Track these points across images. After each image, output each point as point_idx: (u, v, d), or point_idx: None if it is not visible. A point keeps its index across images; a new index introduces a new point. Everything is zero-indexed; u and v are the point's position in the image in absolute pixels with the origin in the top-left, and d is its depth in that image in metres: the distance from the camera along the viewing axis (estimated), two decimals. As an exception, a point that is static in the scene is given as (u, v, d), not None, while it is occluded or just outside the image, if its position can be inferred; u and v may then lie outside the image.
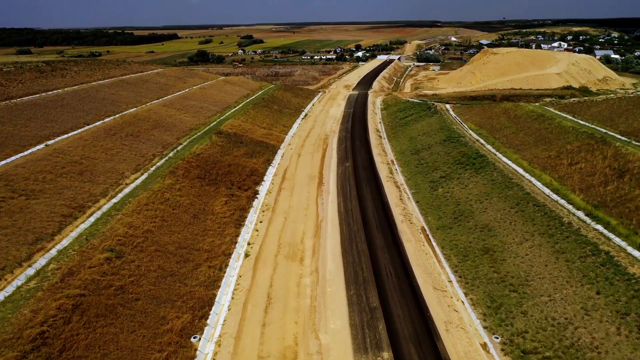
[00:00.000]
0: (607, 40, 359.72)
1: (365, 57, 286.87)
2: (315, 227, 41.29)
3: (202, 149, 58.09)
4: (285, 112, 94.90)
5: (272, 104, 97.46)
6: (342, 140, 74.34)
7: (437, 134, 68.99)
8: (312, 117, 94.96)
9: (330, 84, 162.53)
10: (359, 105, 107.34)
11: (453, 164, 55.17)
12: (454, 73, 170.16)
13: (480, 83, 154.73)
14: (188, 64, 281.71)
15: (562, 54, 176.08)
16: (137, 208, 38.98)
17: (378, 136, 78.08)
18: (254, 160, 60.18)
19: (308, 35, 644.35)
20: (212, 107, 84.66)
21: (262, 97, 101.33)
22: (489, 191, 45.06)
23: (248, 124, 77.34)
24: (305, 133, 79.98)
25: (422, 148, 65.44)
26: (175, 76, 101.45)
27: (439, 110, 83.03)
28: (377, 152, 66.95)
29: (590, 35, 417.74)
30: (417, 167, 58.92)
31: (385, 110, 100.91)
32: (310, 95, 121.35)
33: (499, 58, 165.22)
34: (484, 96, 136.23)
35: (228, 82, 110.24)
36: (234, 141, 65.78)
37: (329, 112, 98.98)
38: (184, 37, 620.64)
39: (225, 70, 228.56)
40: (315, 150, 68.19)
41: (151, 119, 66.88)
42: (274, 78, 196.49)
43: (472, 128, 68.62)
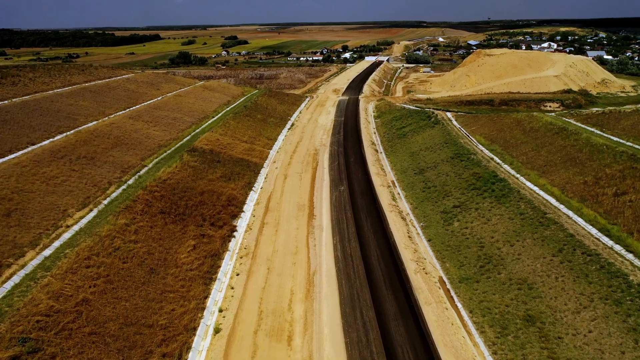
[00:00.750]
0: (596, 41, 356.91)
1: (352, 59, 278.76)
2: (306, 283, 32.43)
3: (170, 172, 48.85)
4: (270, 122, 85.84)
5: (255, 113, 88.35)
6: (334, 156, 65.56)
7: (443, 149, 60.61)
8: (300, 127, 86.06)
9: (317, 88, 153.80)
10: (350, 113, 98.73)
11: (467, 189, 46.77)
12: (447, 75, 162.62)
13: (475, 86, 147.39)
14: (169, 66, 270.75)
15: (557, 56, 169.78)
16: (73, 265, 29.73)
17: (374, 150, 69.49)
18: (232, 185, 51.07)
19: (293, 35, 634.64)
20: (187, 117, 75.28)
21: (244, 104, 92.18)
22: (519, 229, 36.65)
23: (227, 137, 68.18)
24: (292, 147, 71.04)
25: (426, 167, 56.98)
26: (147, 82, 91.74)
27: (441, 120, 74.76)
28: (375, 172, 58.32)
29: (578, 36, 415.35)
30: (423, 191, 50.40)
31: (380, 119, 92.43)
32: (297, 102, 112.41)
33: (494, 60, 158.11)
34: (481, 101, 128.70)
35: (207, 88, 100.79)
36: (209, 160, 56.63)
37: (318, 121, 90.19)
38: (167, 38, 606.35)
39: (208, 73, 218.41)
40: (304, 169, 59.33)
41: (113, 135, 57.39)
42: (259, 81, 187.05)
43: (482, 142, 60.40)
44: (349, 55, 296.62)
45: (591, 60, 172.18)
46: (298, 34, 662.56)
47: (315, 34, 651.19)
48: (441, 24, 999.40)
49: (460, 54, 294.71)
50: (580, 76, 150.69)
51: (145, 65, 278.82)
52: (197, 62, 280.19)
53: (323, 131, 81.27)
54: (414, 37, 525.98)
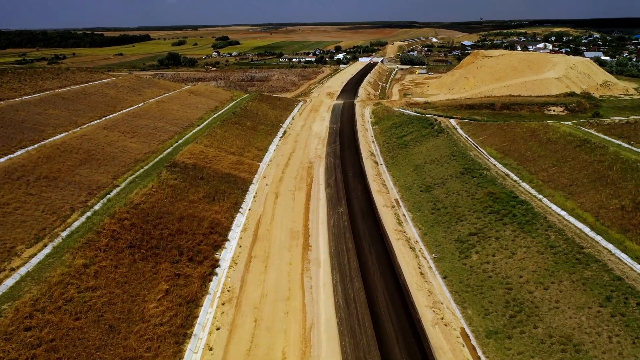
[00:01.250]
0: (590, 41, 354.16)
1: (346, 60, 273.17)
2: (301, 341, 26.56)
3: (145, 194, 42.75)
4: (261, 130, 79.80)
5: (245, 120, 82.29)
6: (330, 169, 59.70)
7: (451, 162, 54.96)
8: (293, 135, 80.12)
9: (310, 91, 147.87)
10: (346, 119, 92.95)
11: (483, 212, 41.12)
12: (445, 78, 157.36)
13: (474, 89, 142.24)
14: (158, 68, 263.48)
15: (557, 57, 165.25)
16: (8, 329, 23.64)
17: (374, 162, 63.74)
18: (216, 208, 45.03)
19: (286, 36, 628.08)
20: (170, 126, 69.10)
21: (232, 110, 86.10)
22: (553, 268, 31.02)
23: (213, 149, 62.12)
24: (284, 159, 65.11)
25: (433, 183, 51.29)
26: (128, 87, 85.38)
27: (445, 128, 69.19)
28: (377, 188, 52.53)
29: (573, 36, 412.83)
30: (432, 213, 44.67)
31: (378, 125, 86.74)
32: (290, 106, 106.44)
33: (493, 62, 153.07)
34: (481, 104, 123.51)
35: (193, 92, 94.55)
36: (192, 177, 50.57)
37: (312, 129, 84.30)
38: (157, 39, 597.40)
39: (197, 75, 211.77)
40: (298, 186, 53.41)
41: (83, 149, 51.15)
42: (250, 83, 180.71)
43: (493, 155, 54.84)
44: (342, 56, 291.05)
45: (592, 61, 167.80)
46: (290, 35, 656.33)
47: (308, 35, 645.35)
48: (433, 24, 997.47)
49: (455, 55, 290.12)
50: (582, 78, 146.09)
51: (134, 66, 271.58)
52: (187, 63, 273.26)
53: (318, 140, 75.38)
54: (407, 38, 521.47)
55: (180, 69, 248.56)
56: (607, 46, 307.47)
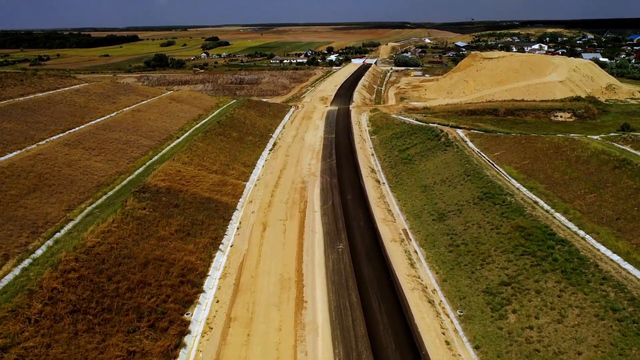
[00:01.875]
0: (585, 42, 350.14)
1: (338, 61, 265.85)
2: None
3: (103, 232, 35.02)
4: (248, 142, 72.13)
5: (231, 130, 74.59)
6: (326, 191, 52.23)
7: (465, 184, 47.74)
8: (284, 147, 72.56)
9: (303, 95, 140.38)
10: (342, 128, 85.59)
11: (514, 253, 33.90)
12: (443, 81, 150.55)
13: (475, 93, 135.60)
14: (144, 69, 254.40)
15: (558, 59, 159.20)
16: None
17: (375, 181, 56.39)
18: (190, 246, 37.38)
19: (277, 36, 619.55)
20: (145, 140, 61.27)
21: (217, 119, 78.34)
22: (621, 342, 23.81)
23: (192, 166, 54.42)
24: (274, 177, 57.56)
25: (447, 210, 44.04)
26: (101, 94, 77.30)
27: (453, 140, 62.05)
28: (381, 216, 45.15)
29: (567, 37, 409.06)
30: (450, 250, 37.35)
31: (377, 135, 79.45)
32: (280, 113, 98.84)
33: (493, 64, 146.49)
34: (484, 110, 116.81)
35: (175, 99, 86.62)
36: (165, 205, 42.90)
37: (305, 140, 76.78)
38: (145, 39, 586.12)
39: (184, 77, 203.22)
40: (289, 213, 45.88)
41: (34, 172, 43.27)
42: (239, 86, 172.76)
43: (514, 175, 47.69)
44: (335, 57, 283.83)
45: (594, 64, 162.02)
46: (281, 35, 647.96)
47: (299, 35, 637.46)
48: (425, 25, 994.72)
49: (450, 56, 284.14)
50: (586, 81, 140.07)
51: (119, 68, 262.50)
52: (174, 65, 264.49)
53: (311, 153, 67.87)
54: (400, 38, 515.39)
55: (167, 71, 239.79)
56: (602, 47, 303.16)
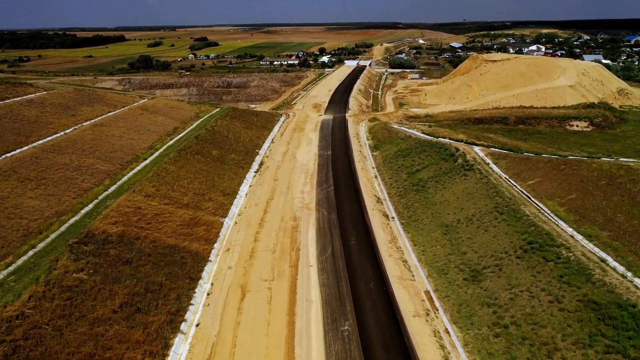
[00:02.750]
0: (582, 43, 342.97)
1: (331, 63, 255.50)
2: None
3: (8, 318, 24.46)
4: (230, 161, 61.63)
5: (211, 146, 64.09)
6: (324, 233, 41.91)
7: (500, 226, 37.66)
8: (272, 168, 62.18)
9: (294, 100, 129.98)
10: (338, 142, 75.36)
11: (593, 348, 23.82)
12: (444, 85, 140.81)
13: (479, 98, 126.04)
14: (127, 71, 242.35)
15: (565, 61, 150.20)
16: None
17: (383, 215, 46.22)
18: (138, 334, 26.84)
19: (267, 37, 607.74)
20: (102, 164, 50.54)
21: (196, 133, 67.80)
22: None
23: (158, 199, 43.86)
24: (258, 212, 47.15)
25: (482, 264, 33.93)
26: (60, 105, 66.37)
27: (472, 162, 52.05)
28: (397, 273, 34.98)
29: (563, 38, 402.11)
30: (496, 335, 27.20)
31: (379, 151, 69.35)
32: (269, 123, 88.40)
33: (498, 68, 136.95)
34: (492, 118, 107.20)
35: (147, 109, 75.81)
36: (111, 262, 32.39)
37: (297, 158, 66.45)
38: (132, 39, 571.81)
39: (168, 80, 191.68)
40: (277, 269, 35.51)
41: (-63, 219, 32.49)
42: (226, 90, 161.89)
43: (561, 216, 37.70)
44: (327, 59, 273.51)
45: (602, 66, 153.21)
46: (272, 36, 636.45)
47: (290, 35, 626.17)
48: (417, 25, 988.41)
49: (446, 58, 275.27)
50: (596, 86, 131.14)
51: (101, 70, 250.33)
52: (160, 66, 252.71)
53: (304, 177, 57.56)
54: (393, 39, 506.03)
55: (152, 73, 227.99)
56: (601, 49, 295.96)
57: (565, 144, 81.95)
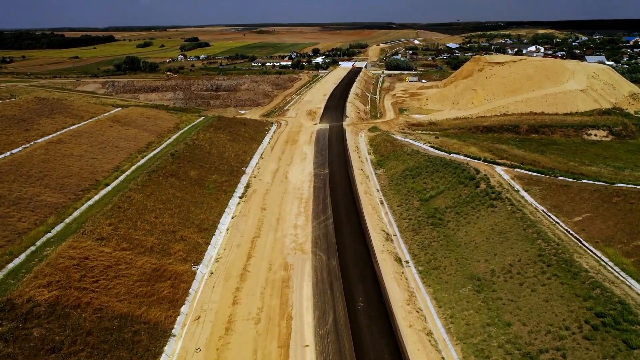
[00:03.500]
0: (581, 44, 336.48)
1: (325, 64, 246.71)
2: None
3: None
4: (211, 184, 52.59)
5: (189, 166, 55.04)
6: (323, 291, 32.99)
7: (553, 286, 28.97)
8: (260, 192, 53.21)
9: (286, 106, 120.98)
10: (336, 158, 66.54)
11: None
12: (447, 90, 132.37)
13: (485, 104, 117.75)
14: (113, 73, 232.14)
15: (572, 64, 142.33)
16: None
17: (395, 260, 37.41)
18: None
19: (260, 37, 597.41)
20: (51, 194, 41.33)
21: (173, 149, 58.77)
22: None
23: (112, 244, 34.78)
24: (241, 256, 38.18)
25: (536, 349, 25.23)
26: (13, 117, 57.07)
27: (499, 190, 43.39)
28: (421, 355, 26.12)
29: (560, 38, 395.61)
30: None
31: (383, 169, 60.66)
32: (258, 134, 79.40)
33: (505, 71, 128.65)
34: (501, 126, 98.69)
35: (118, 121, 66.56)
36: (33, 348, 23.34)
37: (289, 178, 57.58)
38: (122, 40, 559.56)
39: (154, 83, 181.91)
40: (261, 355, 26.53)
41: None
42: (214, 94, 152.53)
43: (630, 272, 29.07)
44: (322, 60, 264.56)
45: (612, 69, 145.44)
46: (265, 36, 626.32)
47: (283, 36, 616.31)
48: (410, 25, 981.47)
49: (444, 59, 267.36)
50: (608, 90, 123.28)
51: (86, 72, 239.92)
52: (147, 68, 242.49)
53: (298, 204, 48.66)
54: (388, 39, 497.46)
55: (138, 75, 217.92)
56: (601, 49, 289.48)
57: (587, 157, 73.59)
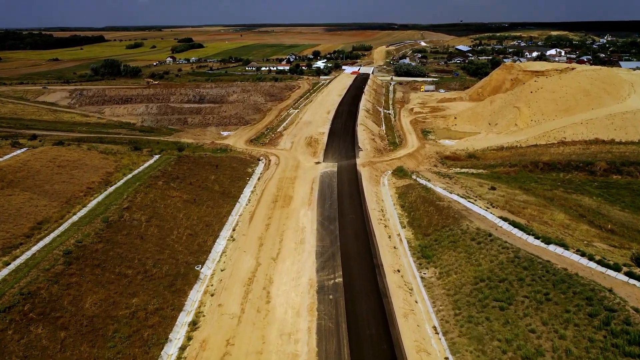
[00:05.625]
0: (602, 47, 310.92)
1: (327, 69, 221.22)
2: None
3: None
4: (119, 333, 27.32)
5: (90, 279, 29.78)
6: None
7: None
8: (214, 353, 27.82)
9: (281, 126, 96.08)
10: (353, 241, 41.31)
11: None
12: (479, 106, 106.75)
13: (534, 127, 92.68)
14: (90, 78, 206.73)
15: (624, 73, 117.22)
16: None
17: None
18: None
19: (257, 38, 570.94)
20: None
21: (72, 242, 33.42)
22: None
23: None
24: None
25: None
26: None
27: None
28: None
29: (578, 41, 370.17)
30: None
31: (434, 269, 35.53)
32: (235, 186, 54.11)
33: (554, 83, 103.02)
34: (568, 163, 73.21)
35: (3, 178, 41.16)
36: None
37: (273, 302, 32.17)
38: (112, 40, 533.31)
39: (129, 92, 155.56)
40: None
41: None
42: (195, 109, 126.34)
43: None
44: (323, 65, 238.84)
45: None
46: (262, 37, 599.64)
47: (282, 37, 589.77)
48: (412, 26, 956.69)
49: (458, 63, 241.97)
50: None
51: (60, 77, 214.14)
52: (128, 73, 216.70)
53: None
54: (392, 41, 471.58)
55: (115, 82, 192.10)
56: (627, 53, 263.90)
57: None
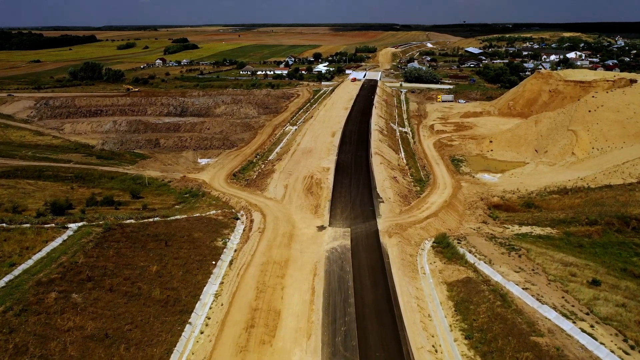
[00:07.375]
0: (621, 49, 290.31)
1: (329, 74, 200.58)
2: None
3: None
4: None
5: None
6: None
7: None
8: None
9: (274, 152, 76.15)
10: None
11: None
12: (522, 128, 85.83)
13: (596, 156, 72.25)
14: (68, 82, 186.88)
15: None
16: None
17: None
18: None
19: (256, 38, 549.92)
20: None
21: None
22: None
23: None
24: None
25: None
26: None
27: None
28: None
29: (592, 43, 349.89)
30: None
31: None
32: (189, 288, 33.77)
33: (617, 100, 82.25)
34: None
35: None
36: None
37: None
38: (104, 40, 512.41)
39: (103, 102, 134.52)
40: None
41: None
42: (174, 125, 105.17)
43: None
44: (325, 69, 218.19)
45: None
46: (261, 37, 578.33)
47: (281, 37, 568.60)
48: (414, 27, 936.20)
49: (472, 68, 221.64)
50: None
51: (34, 82, 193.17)
52: (110, 77, 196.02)
53: None
54: (396, 42, 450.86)
55: (92, 88, 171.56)
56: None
57: None
